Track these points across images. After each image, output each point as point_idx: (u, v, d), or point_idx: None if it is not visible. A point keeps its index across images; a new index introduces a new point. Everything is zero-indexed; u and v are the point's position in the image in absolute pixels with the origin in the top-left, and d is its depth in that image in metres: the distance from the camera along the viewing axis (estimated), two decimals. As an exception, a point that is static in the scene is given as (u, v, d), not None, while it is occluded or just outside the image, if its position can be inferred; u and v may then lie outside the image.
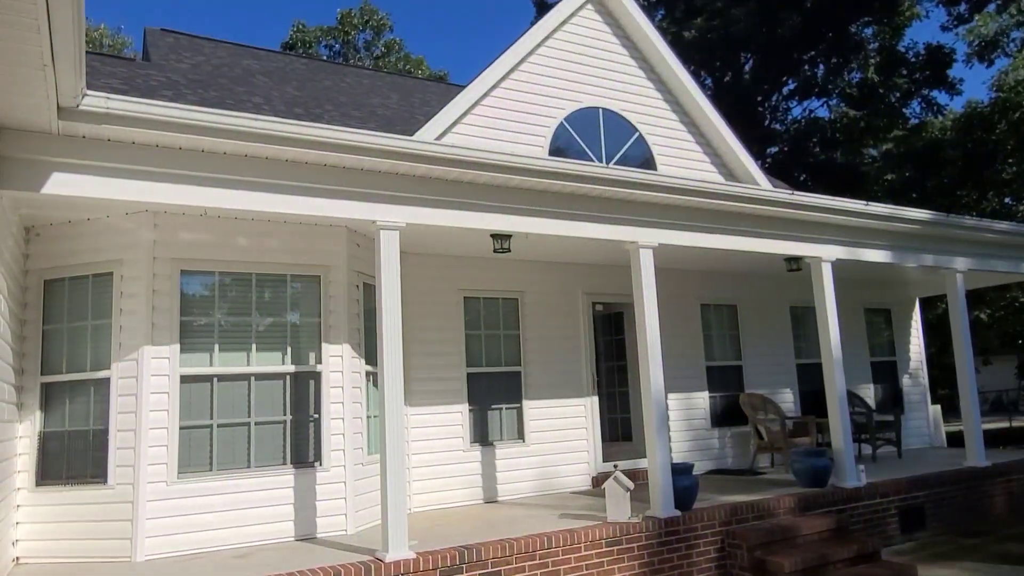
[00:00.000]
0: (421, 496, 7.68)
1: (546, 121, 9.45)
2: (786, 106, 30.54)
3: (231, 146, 5.13)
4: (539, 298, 8.77)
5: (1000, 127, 17.93)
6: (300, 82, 10.99)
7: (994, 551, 7.56)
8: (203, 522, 5.83)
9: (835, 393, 8.09)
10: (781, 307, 10.91)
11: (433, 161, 5.84)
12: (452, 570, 5.45)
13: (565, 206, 6.65)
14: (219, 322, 6.21)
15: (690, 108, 10.69)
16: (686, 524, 6.62)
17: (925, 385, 12.64)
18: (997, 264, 10.17)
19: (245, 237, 6.33)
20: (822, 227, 8.25)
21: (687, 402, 9.77)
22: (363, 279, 6.97)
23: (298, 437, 6.36)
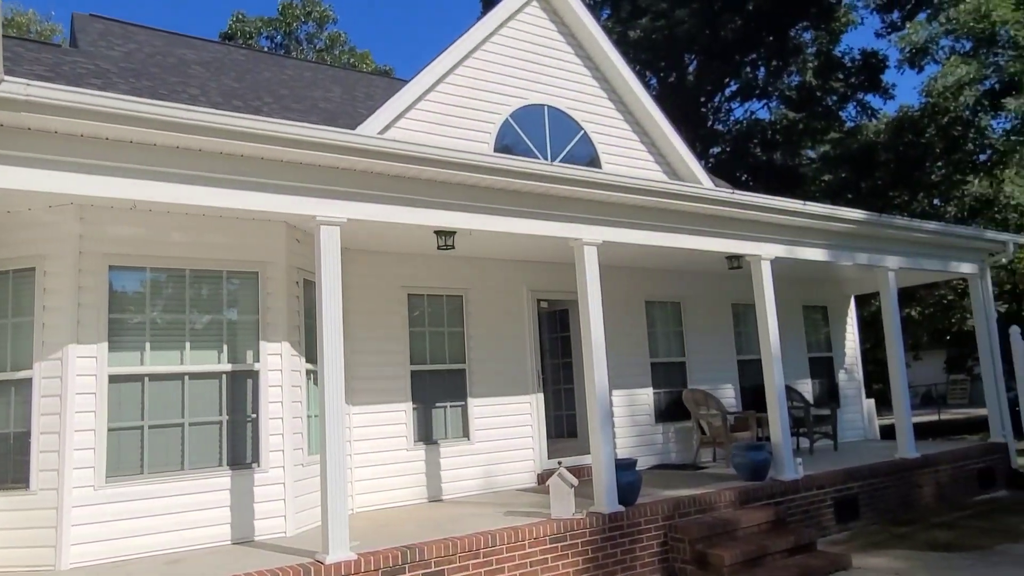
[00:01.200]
0: (364, 496, 7.55)
1: (492, 118, 9.40)
2: (728, 107, 31.23)
3: (161, 137, 4.93)
4: (484, 295, 8.73)
5: (930, 131, 18.65)
6: (239, 73, 10.69)
7: (923, 539, 7.85)
8: (134, 527, 5.61)
9: (774, 388, 8.27)
10: (723, 304, 11.12)
11: (375, 155, 5.73)
12: (394, 570, 5.37)
13: (510, 203, 6.62)
14: (151, 320, 5.97)
15: (635, 107, 10.79)
16: (630, 519, 6.67)
17: (860, 380, 13.06)
18: (926, 263, 10.56)
19: (179, 232, 6.11)
20: (762, 226, 8.43)
21: (632, 398, 9.86)
22: (303, 275, 6.81)
23: (235, 438, 6.17)
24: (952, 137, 18.26)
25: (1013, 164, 16.23)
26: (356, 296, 7.77)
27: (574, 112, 10.21)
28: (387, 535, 6.00)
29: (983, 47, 17.92)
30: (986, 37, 17.62)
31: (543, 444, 8.87)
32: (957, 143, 18.31)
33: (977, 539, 7.68)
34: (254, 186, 5.36)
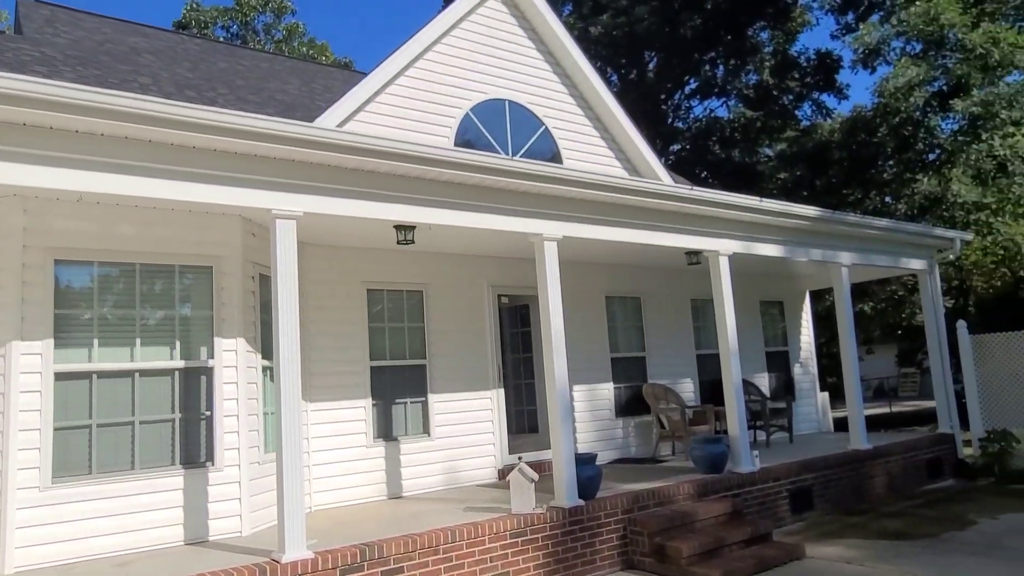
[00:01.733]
0: (323, 494, 7.45)
1: (452, 112, 9.34)
2: (688, 105, 31.61)
3: (108, 127, 4.77)
4: (444, 291, 8.67)
5: (882, 131, 19.11)
6: (192, 63, 10.43)
7: (874, 528, 8.05)
8: (82, 529, 5.44)
9: (732, 382, 8.39)
10: (682, 300, 11.24)
11: (332, 148, 5.64)
12: (353, 568, 5.31)
13: (470, 198, 6.58)
14: (100, 315, 5.79)
15: (595, 104, 10.83)
16: (590, 513, 6.71)
17: (815, 374, 13.34)
18: (878, 259, 10.83)
19: (129, 225, 5.93)
20: (720, 222, 8.53)
21: (592, 393, 9.91)
22: (259, 270, 6.68)
23: (188, 436, 6.03)
24: (903, 137, 18.75)
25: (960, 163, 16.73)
26: (314, 291, 7.65)
27: (535, 107, 10.20)
28: (346, 533, 5.93)
29: (932, 49, 18.43)
30: (935, 39, 18.12)
31: (504, 439, 8.86)
32: (908, 142, 18.81)
33: (925, 527, 7.90)
34: (207, 179, 5.23)
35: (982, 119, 16.56)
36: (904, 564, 6.49)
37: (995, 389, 11.23)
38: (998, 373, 11.22)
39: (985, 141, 16.37)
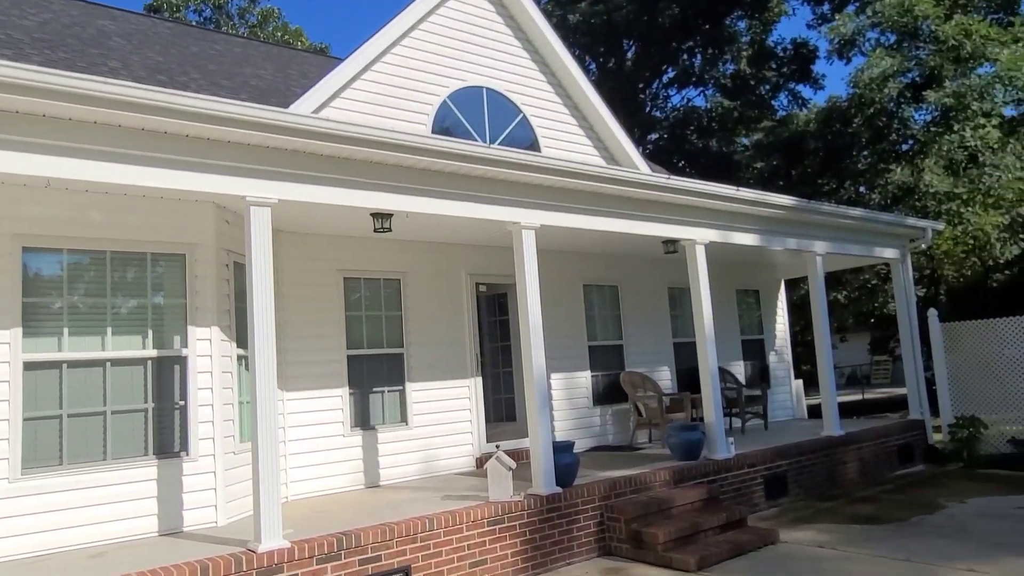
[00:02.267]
0: (300, 484, 7.41)
1: (429, 99, 9.27)
2: (666, 94, 31.67)
3: (77, 111, 4.67)
4: (422, 279, 8.63)
5: (856, 121, 19.29)
6: (164, 47, 10.23)
7: (846, 512, 8.19)
8: (54, 521, 5.36)
9: (708, 370, 8.46)
10: (660, 288, 11.30)
11: (307, 135, 5.57)
12: (330, 557, 5.29)
13: (448, 186, 6.54)
14: (70, 304, 5.68)
15: (573, 92, 10.81)
16: (567, 500, 6.74)
17: (789, 361, 13.51)
18: (852, 248, 10.96)
19: (99, 212, 5.82)
20: (697, 211, 8.57)
21: (570, 381, 9.94)
22: (234, 258, 6.59)
23: (162, 426, 5.95)
24: (877, 127, 18.93)
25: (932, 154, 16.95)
26: (290, 280, 7.58)
27: (513, 95, 10.16)
28: (323, 522, 5.90)
29: (906, 40, 18.60)
30: (909, 31, 18.28)
31: (482, 428, 8.87)
32: (882, 133, 19.00)
33: (896, 512, 8.06)
34: (179, 165, 5.14)
35: (954, 110, 16.76)
36: (874, 547, 6.61)
37: (965, 376, 11.44)
38: (968, 360, 11.43)
39: (957, 132, 16.59)
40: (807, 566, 6.18)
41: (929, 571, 5.83)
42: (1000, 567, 5.83)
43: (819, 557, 6.45)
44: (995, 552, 6.25)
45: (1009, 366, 10.92)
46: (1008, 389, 10.87)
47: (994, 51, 16.69)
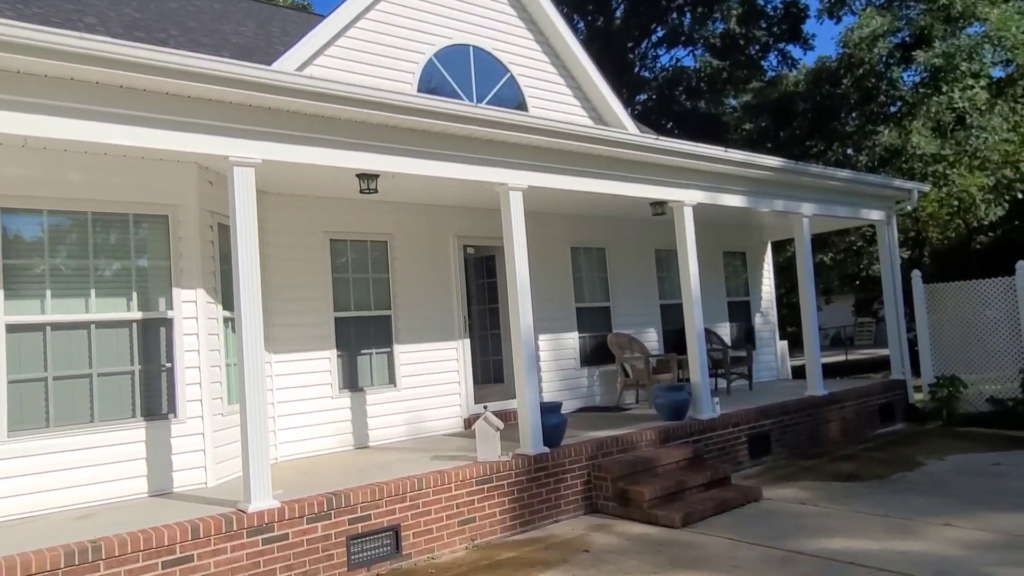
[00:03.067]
0: (289, 445, 7.45)
1: (415, 57, 9.10)
2: (655, 54, 31.29)
3: (53, 68, 4.54)
4: (409, 241, 8.58)
5: (845, 82, 19.19)
6: (141, 3, 9.94)
7: (828, 470, 8.35)
8: (42, 483, 5.36)
9: (694, 332, 8.52)
10: (647, 250, 11.31)
11: (290, 93, 5.46)
12: (319, 517, 5.34)
13: (434, 146, 6.46)
14: (52, 266, 5.61)
15: (562, 51, 10.65)
16: (555, 460, 6.82)
17: (774, 323, 13.63)
18: (838, 210, 10.99)
19: (79, 172, 5.71)
20: (685, 172, 8.53)
21: (557, 343, 9.99)
22: (218, 219, 6.51)
23: (149, 388, 5.93)
24: (866, 88, 18.85)
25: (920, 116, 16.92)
26: (276, 242, 7.51)
27: (500, 54, 9.99)
28: (312, 482, 5.94)
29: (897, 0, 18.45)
30: (900, -10, 18.14)
31: (470, 389, 8.92)
32: (870, 94, 18.93)
33: (876, 469, 8.22)
34: (159, 123, 5.03)
35: (943, 71, 16.70)
36: (855, 504, 6.76)
37: (946, 337, 11.60)
38: (949, 321, 11.58)
39: (945, 94, 16.55)
40: (789, 522, 6.31)
41: (907, 526, 5.98)
42: (976, 521, 5.98)
43: (801, 513, 6.59)
44: (972, 507, 6.41)
45: (990, 326, 11.07)
46: (988, 349, 11.04)
47: (984, 10, 16.58)
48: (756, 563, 5.34)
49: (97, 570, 4.45)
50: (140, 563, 4.60)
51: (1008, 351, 10.82)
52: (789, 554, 5.47)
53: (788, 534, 5.96)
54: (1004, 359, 10.85)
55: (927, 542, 5.57)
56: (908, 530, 5.87)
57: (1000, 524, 5.88)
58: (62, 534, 4.66)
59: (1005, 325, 10.90)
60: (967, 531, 5.77)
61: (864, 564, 5.13)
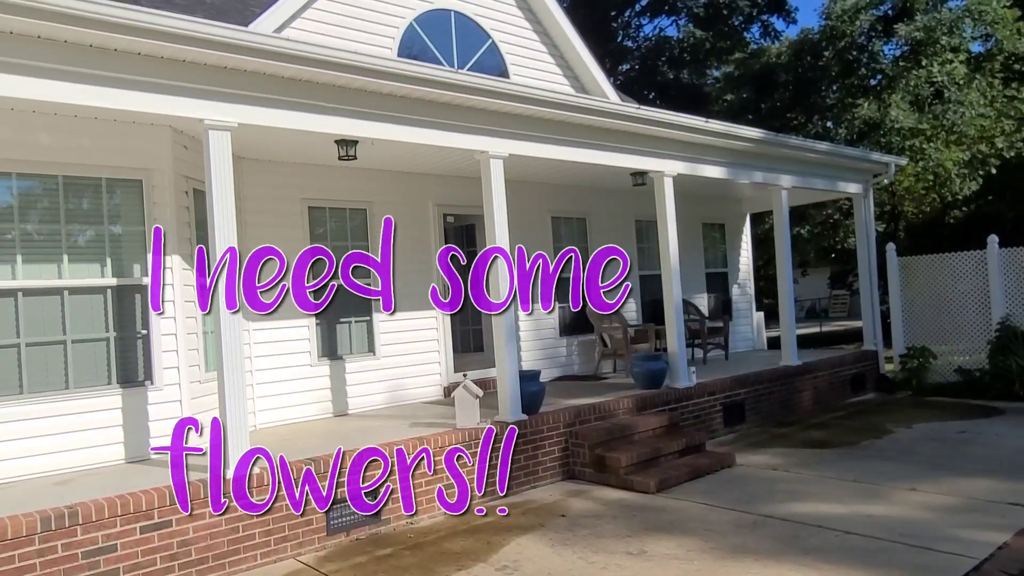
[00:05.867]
0: (268, 413, 7.45)
1: (396, 21, 8.96)
2: (638, 23, 31.01)
3: (18, 24, 4.40)
4: (389, 209, 8.48)
5: (827, 54, 19.18)
6: (113, -40, 9.65)
7: (799, 438, 8.53)
8: (17, 449, 5.33)
9: (672, 302, 8.59)
10: (627, 221, 11.33)
11: (267, 55, 5.35)
12: (298, 482, 5.36)
13: (414, 112, 6.39)
14: (22, 231, 5.51)
15: (544, 18, 10.54)
16: (533, 427, 6.90)
17: (751, 295, 13.78)
18: (816, 182, 11.07)
19: (48, 134, 5.58)
20: (666, 142, 8.53)
21: (537, 312, 10.02)
22: (193, 185, 6.41)
23: (125, 355, 5.89)
24: (847, 61, 18.85)
25: (899, 89, 17.00)
26: (253, 208, 7.42)
27: (482, 20, 9.86)
28: (290, 448, 5.96)
29: (881, -29, 18.41)
30: (884, -39, 18.08)
31: (449, 358, 8.95)
32: (851, 67, 18.94)
33: (846, 436, 8.41)
34: (130, 84, 4.92)
35: (923, 44, 16.75)
36: (825, 470, 6.92)
37: (919, 309, 11.81)
38: (922, 294, 11.78)
39: (924, 68, 16.62)
40: (761, 487, 6.46)
41: (875, 491, 6.14)
42: (940, 486, 6.16)
43: (772, 479, 6.74)
44: (936, 472, 6.60)
45: (961, 299, 11.29)
46: (958, 321, 11.27)
47: (966, -17, 16.60)
48: (728, 527, 5.46)
49: (74, 535, 4.46)
50: (118, 527, 4.61)
51: (977, 323, 11.05)
52: (760, 518, 5.61)
53: (760, 499, 6.10)
54: (973, 331, 11.08)
55: (893, 506, 5.73)
56: (875, 494, 6.03)
57: (963, 488, 6.06)
58: (39, 500, 4.64)
59: (975, 298, 11.12)
60: (932, 495, 5.94)
61: (832, 527, 5.28)
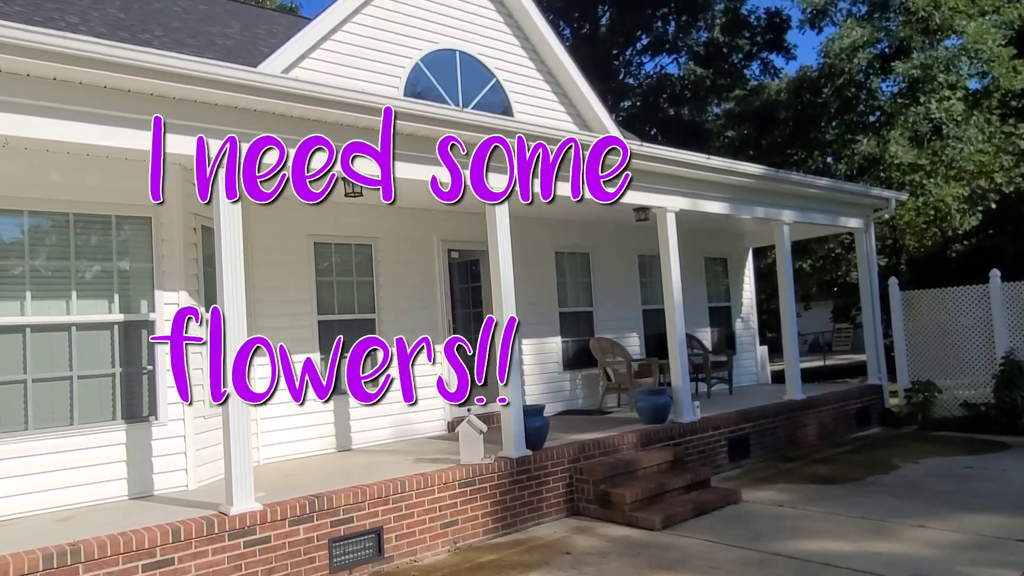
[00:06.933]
0: (272, 447, 7.43)
1: (402, 61, 9.14)
2: (639, 61, 31.51)
3: (36, 67, 4.52)
4: (394, 244, 8.60)
5: (826, 91, 19.44)
6: (125, 3, 9.89)
7: (805, 473, 8.46)
8: (21, 486, 5.32)
9: (676, 336, 8.60)
10: (630, 256, 11.40)
11: (275, 95, 5.47)
12: (301, 519, 5.34)
13: (420, 150, 6.48)
14: (32, 267, 5.57)
15: (547, 57, 10.73)
16: (537, 463, 6.86)
17: (755, 328, 13.77)
18: (818, 217, 11.14)
19: (60, 173, 5.68)
20: (668, 179, 8.62)
21: (541, 347, 10.04)
22: (201, 221, 6.49)
23: (130, 390, 5.91)
24: (846, 98, 19.10)
25: (898, 125, 17.18)
26: (260, 244, 7.50)
27: (487, 59, 10.05)
28: (295, 485, 5.94)
29: (877, 11, 18.71)
30: (880, 2, 18.39)
31: (453, 393, 8.92)
32: (850, 104, 19.18)
33: (852, 472, 8.34)
34: (143, 124, 4.99)
35: (921, 82, 16.97)
36: (831, 506, 6.86)
37: (922, 342, 11.79)
38: (925, 327, 11.77)
39: (923, 104, 16.82)
40: (767, 524, 6.40)
41: (883, 527, 6.08)
42: (949, 522, 6.10)
43: (779, 515, 6.68)
44: (944, 509, 6.54)
45: (964, 333, 11.27)
46: (963, 355, 11.24)
47: (961, 23, 16.86)
48: (734, 565, 5.41)
49: (76, 573, 4.43)
50: (120, 566, 4.58)
51: (981, 357, 11.02)
52: (767, 555, 5.55)
53: (766, 536, 6.04)
54: (977, 365, 11.04)
55: (901, 543, 5.67)
56: (883, 531, 5.97)
57: (972, 525, 6.00)
58: (41, 537, 4.62)
59: (979, 332, 11.11)
60: (940, 532, 5.88)
61: (840, 565, 5.22)
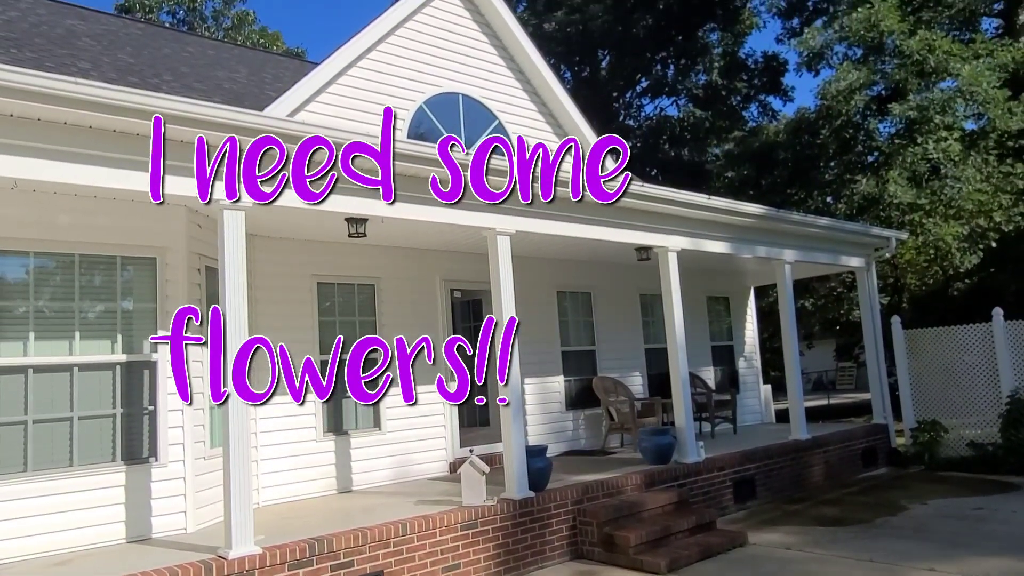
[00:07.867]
0: (272, 490, 7.35)
1: (406, 104, 9.29)
2: (639, 103, 32.00)
3: (46, 111, 4.61)
4: (396, 284, 8.63)
5: (824, 133, 19.67)
6: (135, 48, 10.11)
7: (812, 515, 8.34)
8: (18, 528, 5.27)
9: (679, 376, 8.57)
10: (632, 295, 11.42)
11: (283, 139, 5.55)
12: (301, 563, 5.27)
13: (423, 191, 6.55)
14: (36, 308, 5.60)
15: (549, 100, 10.91)
16: (540, 505, 6.78)
17: (758, 367, 13.71)
18: (819, 256, 11.19)
19: (67, 214, 5.74)
20: (669, 219, 8.69)
21: (543, 386, 10.00)
22: (205, 262, 6.54)
23: (131, 431, 5.88)
24: (844, 139, 19.32)
25: (896, 166, 17.34)
26: (263, 284, 7.53)
27: (489, 101, 10.22)
28: (295, 528, 5.87)
29: (873, 54, 19.04)
30: (875, 45, 18.71)
31: (455, 433, 8.88)
32: (848, 144, 19.40)
33: (860, 513, 8.22)
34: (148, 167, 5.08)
35: (917, 123, 17.18)
36: (839, 549, 6.75)
37: (926, 381, 11.72)
38: (929, 366, 11.71)
39: (920, 145, 16.99)
40: (774, 567, 6.29)
41: (892, 571, 5.98)
42: (959, 566, 5.99)
43: (786, 559, 6.56)
44: (954, 551, 6.43)
45: (968, 372, 11.21)
46: (967, 394, 11.17)
47: (956, 67, 17.14)
48: (742, 610, 5.30)
49: (72, 618, 4.35)
50: (117, 611, 4.50)
51: (986, 396, 10.95)
52: (775, 601, 5.44)
53: (774, 580, 5.93)
54: (983, 404, 10.96)
55: (912, 588, 5.56)
56: (893, 575, 5.87)
57: (983, 568, 5.90)
58: (38, 581, 4.56)
59: (983, 370, 11.05)
60: (951, 577, 5.78)
61: (850, 611, 5.11)
